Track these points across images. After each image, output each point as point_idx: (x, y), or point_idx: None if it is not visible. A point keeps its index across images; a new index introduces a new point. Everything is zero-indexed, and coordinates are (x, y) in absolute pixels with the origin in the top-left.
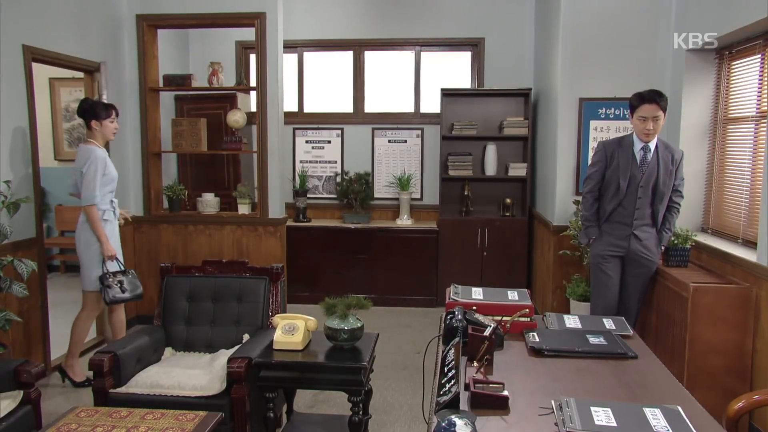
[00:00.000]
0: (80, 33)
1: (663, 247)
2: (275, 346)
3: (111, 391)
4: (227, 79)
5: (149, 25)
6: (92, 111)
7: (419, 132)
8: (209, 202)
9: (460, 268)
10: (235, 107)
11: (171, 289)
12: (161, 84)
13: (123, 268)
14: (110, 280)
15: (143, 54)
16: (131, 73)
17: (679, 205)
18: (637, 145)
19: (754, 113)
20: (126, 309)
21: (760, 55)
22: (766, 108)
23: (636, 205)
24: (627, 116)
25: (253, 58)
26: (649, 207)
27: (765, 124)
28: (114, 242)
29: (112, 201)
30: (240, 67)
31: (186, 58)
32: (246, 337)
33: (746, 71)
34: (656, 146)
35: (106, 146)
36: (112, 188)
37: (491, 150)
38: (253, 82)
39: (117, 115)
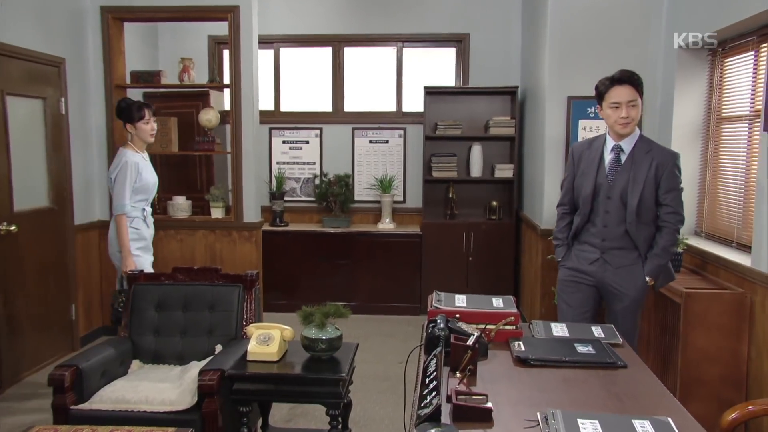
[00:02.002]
0: (40, 26)
1: (649, 279)
2: (249, 357)
3: (72, 407)
4: (199, 75)
5: (115, 17)
6: (126, 113)
7: (401, 132)
8: (180, 205)
9: (444, 274)
10: (207, 106)
11: (138, 297)
12: (128, 81)
13: None
14: (119, 300)
15: (109, 49)
16: (96, 70)
17: (672, 224)
18: (609, 145)
19: (747, 112)
20: (91, 319)
21: (753, 52)
22: (760, 106)
23: (603, 222)
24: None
25: (226, 53)
26: (620, 225)
27: (759, 124)
28: (143, 253)
29: (144, 210)
30: (213, 63)
31: (155, 53)
32: (219, 348)
33: (740, 69)
34: (634, 146)
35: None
36: (146, 196)
37: (476, 150)
38: (226, 79)
39: (153, 114)
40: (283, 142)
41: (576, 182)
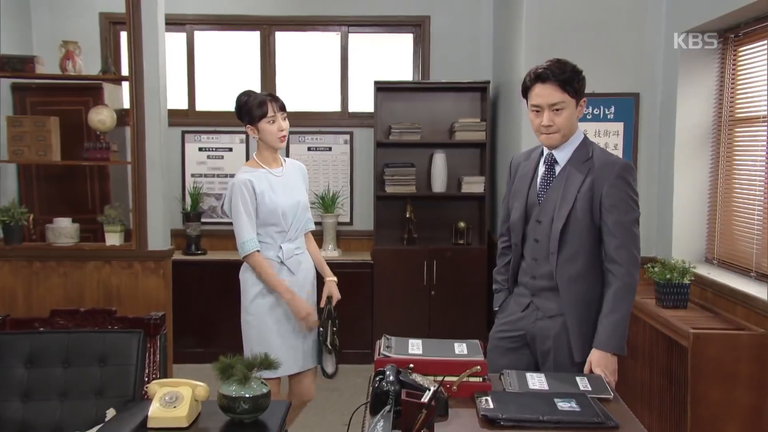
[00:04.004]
0: None
1: (612, 354)
2: (151, 424)
3: None
4: (89, 64)
5: None
6: (246, 111)
7: (347, 137)
8: (64, 230)
9: (401, 312)
10: (100, 103)
11: (1, 351)
12: None
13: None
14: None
15: None
16: None
17: (620, 265)
18: (544, 155)
19: (766, 111)
20: None
21: None
22: None
23: (532, 254)
24: (609, 116)
25: (124, 36)
26: (545, 260)
27: None
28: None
29: (281, 247)
30: (106, 48)
31: (28, 33)
32: (111, 413)
33: (757, 59)
34: (572, 155)
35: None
36: (280, 228)
37: (440, 160)
38: (125, 70)
39: (282, 109)
40: (200, 149)
41: (509, 204)
